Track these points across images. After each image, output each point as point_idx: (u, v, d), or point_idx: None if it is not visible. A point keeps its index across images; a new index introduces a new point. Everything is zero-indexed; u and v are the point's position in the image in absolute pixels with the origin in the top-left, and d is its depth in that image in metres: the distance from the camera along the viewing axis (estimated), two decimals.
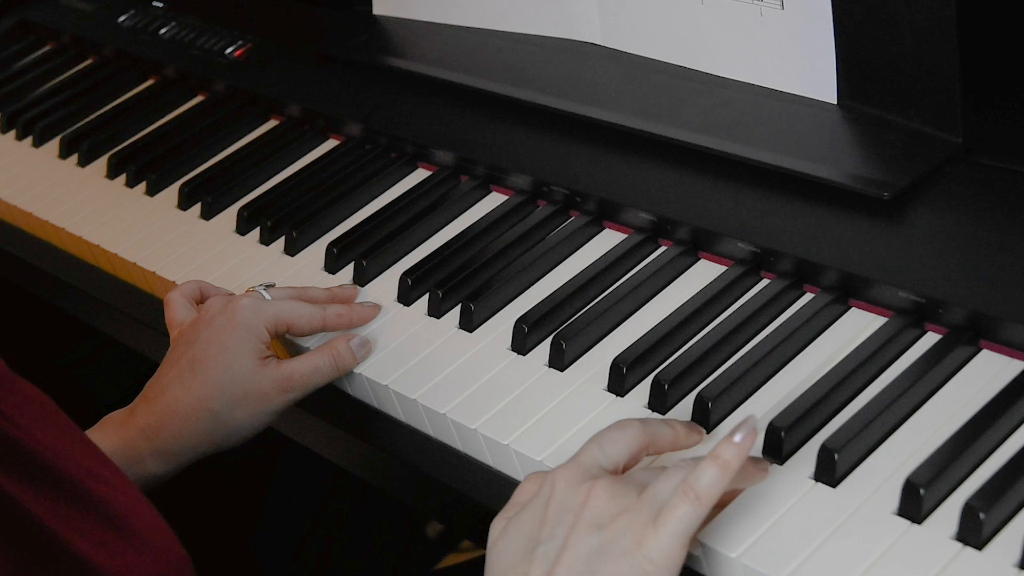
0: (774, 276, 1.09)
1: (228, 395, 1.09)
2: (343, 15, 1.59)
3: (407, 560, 1.77)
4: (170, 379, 1.10)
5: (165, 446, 1.09)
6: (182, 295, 1.18)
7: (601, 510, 0.84)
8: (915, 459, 0.90)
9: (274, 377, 1.10)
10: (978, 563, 0.83)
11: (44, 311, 1.66)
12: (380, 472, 1.19)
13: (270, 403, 1.10)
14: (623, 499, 0.84)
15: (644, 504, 0.84)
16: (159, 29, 1.74)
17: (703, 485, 0.83)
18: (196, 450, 1.10)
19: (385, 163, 1.39)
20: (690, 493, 0.83)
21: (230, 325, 1.10)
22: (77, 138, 1.62)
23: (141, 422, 1.09)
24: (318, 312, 1.15)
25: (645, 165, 1.21)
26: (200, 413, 1.09)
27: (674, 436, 0.92)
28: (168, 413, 1.09)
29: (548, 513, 0.85)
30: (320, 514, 1.67)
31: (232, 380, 1.09)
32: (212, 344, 1.10)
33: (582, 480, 0.86)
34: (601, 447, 0.88)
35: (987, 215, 1.04)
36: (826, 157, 1.13)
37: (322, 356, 1.12)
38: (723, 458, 0.84)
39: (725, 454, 0.84)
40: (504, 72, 1.37)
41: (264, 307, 1.12)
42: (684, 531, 0.82)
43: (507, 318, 1.13)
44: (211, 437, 1.10)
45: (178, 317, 1.16)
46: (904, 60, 1.10)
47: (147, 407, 1.10)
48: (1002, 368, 0.96)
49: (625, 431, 0.89)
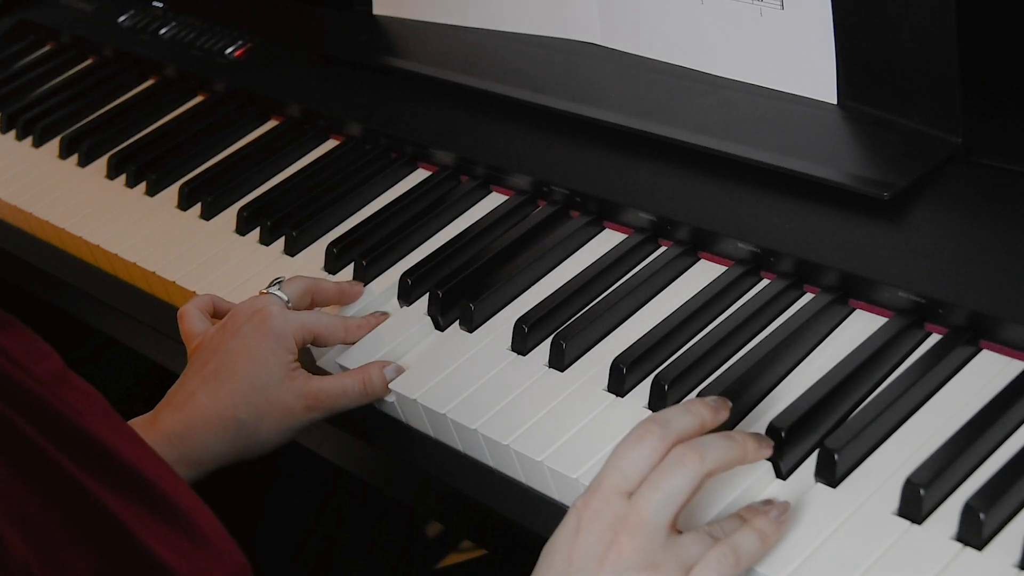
0: (774, 276, 1.09)
1: (255, 405, 1.08)
2: (343, 15, 1.59)
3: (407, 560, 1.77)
4: (195, 386, 1.09)
5: (190, 454, 1.07)
6: (196, 307, 1.17)
7: (624, 563, 0.83)
8: (915, 459, 0.90)
9: (301, 392, 1.09)
10: (978, 563, 0.83)
11: (44, 311, 1.66)
12: (380, 472, 1.19)
13: (294, 418, 1.09)
14: (649, 554, 0.83)
15: (673, 560, 0.83)
16: (159, 29, 1.74)
17: (744, 551, 0.84)
18: (219, 459, 1.09)
19: (385, 163, 1.39)
20: (731, 556, 0.83)
21: (259, 334, 1.09)
22: (77, 138, 1.62)
23: (166, 428, 1.08)
24: (340, 324, 1.14)
25: (645, 165, 1.21)
26: (226, 422, 1.07)
27: (700, 423, 0.89)
28: (194, 421, 1.07)
29: (575, 555, 0.84)
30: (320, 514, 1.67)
31: (260, 390, 1.08)
32: (241, 353, 1.09)
33: (609, 522, 0.84)
34: (621, 471, 0.86)
35: (987, 215, 1.04)
36: (826, 157, 1.13)
37: (352, 380, 1.10)
38: (764, 531, 0.85)
39: (766, 528, 0.85)
40: (504, 72, 1.37)
41: (291, 318, 1.11)
42: None
43: (507, 318, 1.13)
44: (235, 446, 1.08)
45: (195, 329, 1.15)
46: (904, 60, 1.10)
47: (171, 414, 1.08)
48: (1002, 368, 0.96)
49: (641, 446, 0.86)
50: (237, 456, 1.10)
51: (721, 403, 0.91)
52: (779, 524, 0.86)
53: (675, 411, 0.89)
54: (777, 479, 0.93)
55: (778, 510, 0.86)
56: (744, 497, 0.91)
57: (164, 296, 1.36)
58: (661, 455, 0.86)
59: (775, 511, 0.86)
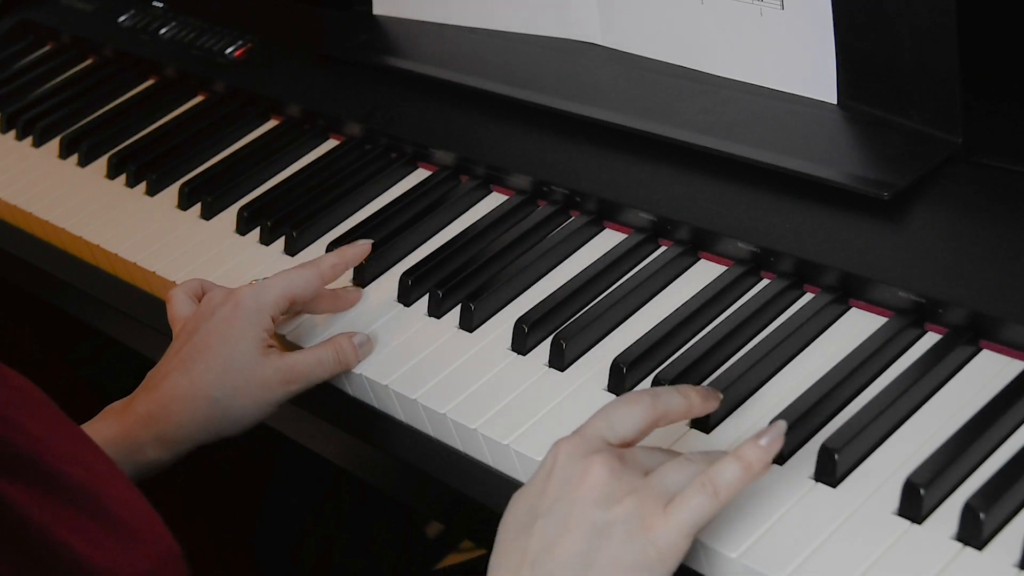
0: (774, 276, 1.09)
1: (229, 382, 1.09)
2: (343, 15, 1.59)
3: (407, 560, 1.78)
4: (170, 367, 1.11)
5: (165, 433, 1.09)
6: (184, 291, 1.18)
7: (602, 487, 0.83)
8: (915, 459, 0.90)
9: (276, 367, 1.10)
10: (978, 563, 0.83)
11: (44, 311, 1.66)
12: (380, 472, 1.19)
13: (271, 393, 1.10)
14: (627, 479, 0.83)
15: (652, 488, 0.83)
16: (159, 29, 1.74)
17: (723, 481, 0.82)
18: (196, 438, 1.10)
19: (385, 163, 1.39)
20: (709, 487, 0.82)
21: (233, 314, 1.11)
22: (77, 138, 1.62)
23: (141, 410, 1.09)
24: (313, 270, 1.15)
25: (645, 165, 1.21)
26: (200, 400, 1.09)
27: (687, 406, 0.90)
28: (168, 400, 1.09)
29: (549, 486, 0.84)
30: (320, 513, 1.67)
31: (233, 367, 1.09)
32: (213, 333, 1.10)
33: (584, 453, 0.85)
34: (609, 422, 0.87)
35: (987, 215, 1.04)
36: (826, 157, 1.13)
37: (325, 350, 1.12)
38: (747, 459, 0.83)
39: (750, 455, 0.83)
40: (504, 72, 1.37)
41: (263, 293, 1.12)
42: (695, 523, 0.82)
43: (507, 318, 1.13)
44: (211, 425, 1.10)
45: (180, 312, 1.16)
46: (904, 60, 1.10)
47: (147, 395, 1.10)
48: (1002, 368, 0.96)
49: (635, 407, 0.87)
50: (215, 434, 1.10)
51: (712, 393, 0.92)
52: (768, 451, 0.84)
53: (669, 390, 0.90)
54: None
55: (769, 436, 0.84)
56: (744, 497, 0.91)
57: (164, 296, 1.36)
58: (648, 424, 0.88)
59: (765, 437, 0.84)
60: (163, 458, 1.09)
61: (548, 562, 0.82)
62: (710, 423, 0.97)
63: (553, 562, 0.82)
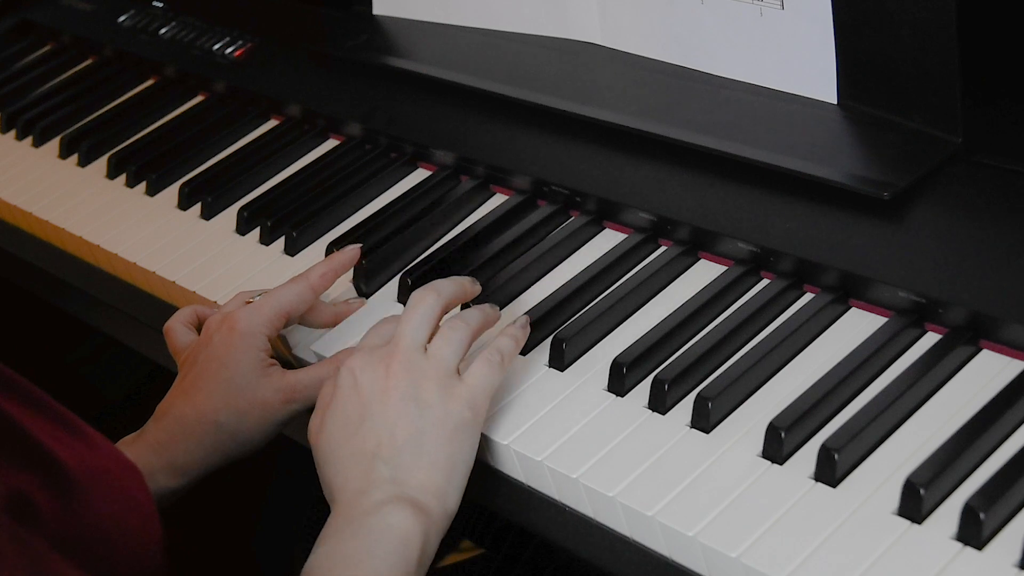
0: (774, 276, 1.09)
1: (232, 407, 1.10)
2: (343, 15, 1.59)
3: None
4: (175, 397, 1.13)
5: (175, 460, 1.10)
6: (180, 322, 1.19)
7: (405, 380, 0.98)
8: (915, 459, 0.90)
9: (277, 386, 1.11)
10: (978, 563, 0.83)
11: (44, 311, 1.66)
12: None
13: (274, 413, 1.11)
14: (417, 366, 0.99)
15: (441, 367, 0.99)
16: (159, 29, 1.74)
17: (505, 350, 1.03)
18: (206, 463, 1.11)
19: (385, 163, 1.39)
20: (496, 356, 1.01)
21: (228, 339, 1.12)
22: (77, 138, 1.62)
23: (151, 439, 1.11)
24: (303, 283, 1.15)
25: (645, 165, 1.21)
26: (206, 426, 1.10)
27: (462, 291, 1.08)
28: (175, 428, 1.10)
29: (361, 395, 0.98)
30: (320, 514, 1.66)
31: (234, 391, 1.10)
32: (212, 359, 1.11)
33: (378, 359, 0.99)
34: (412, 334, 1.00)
35: (987, 215, 1.04)
36: (826, 157, 1.13)
37: (327, 368, 1.11)
38: (515, 335, 1.05)
39: (517, 333, 1.05)
40: (504, 72, 1.37)
41: (256, 314, 1.13)
42: (491, 385, 1.00)
43: (507, 318, 1.13)
44: (219, 449, 1.11)
45: (181, 344, 1.17)
46: (904, 60, 1.10)
47: (155, 425, 1.12)
48: (1002, 368, 0.96)
49: (428, 309, 1.02)
50: (223, 459, 1.12)
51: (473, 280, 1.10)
52: (524, 329, 1.06)
53: (445, 284, 1.06)
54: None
55: (521, 321, 1.07)
56: (744, 497, 0.91)
57: (164, 296, 1.36)
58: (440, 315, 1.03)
59: (520, 321, 1.07)
60: (175, 485, 1.10)
61: (391, 448, 0.96)
62: (709, 423, 0.98)
63: (396, 447, 0.96)
